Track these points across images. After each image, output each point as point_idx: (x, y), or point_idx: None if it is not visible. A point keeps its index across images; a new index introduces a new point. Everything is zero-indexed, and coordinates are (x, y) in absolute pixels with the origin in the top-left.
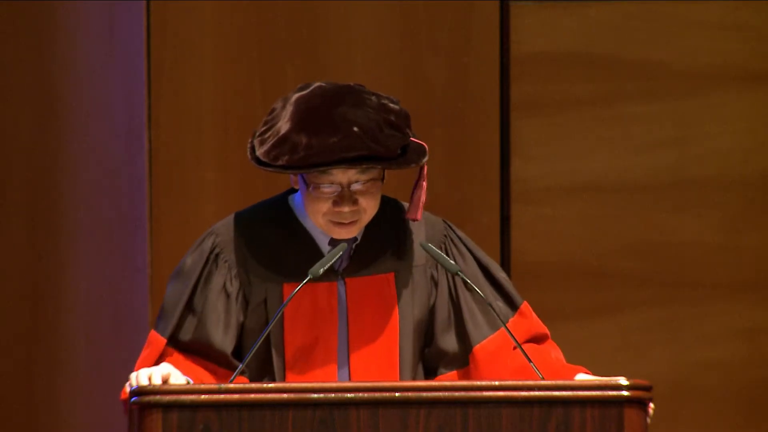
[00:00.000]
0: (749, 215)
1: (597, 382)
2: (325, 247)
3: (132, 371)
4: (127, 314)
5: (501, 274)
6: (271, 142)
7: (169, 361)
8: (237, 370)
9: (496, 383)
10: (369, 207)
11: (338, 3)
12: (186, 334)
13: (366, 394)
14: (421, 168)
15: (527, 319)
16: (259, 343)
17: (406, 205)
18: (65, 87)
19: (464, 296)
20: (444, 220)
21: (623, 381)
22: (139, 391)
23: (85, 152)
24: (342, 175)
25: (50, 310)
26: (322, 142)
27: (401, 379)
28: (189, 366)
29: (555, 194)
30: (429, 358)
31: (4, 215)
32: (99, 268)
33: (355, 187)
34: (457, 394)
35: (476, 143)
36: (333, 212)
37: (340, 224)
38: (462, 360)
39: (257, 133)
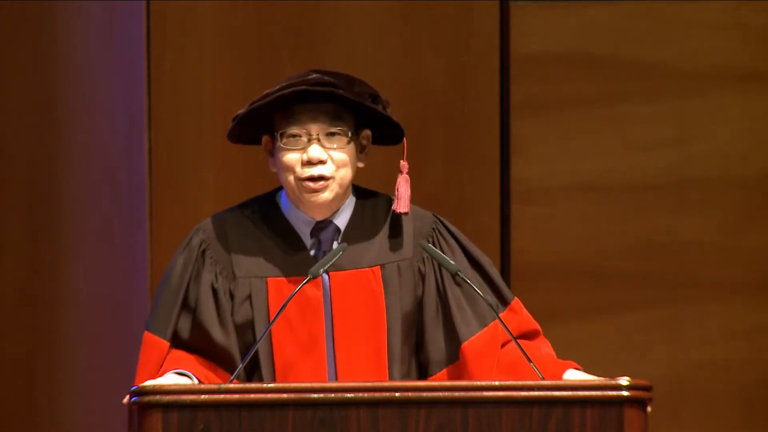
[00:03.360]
0: (749, 215)
1: (597, 382)
2: (308, 241)
3: (133, 374)
4: (127, 314)
5: (492, 270)
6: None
7: (174, 359)
8: (237, 370)
9: (496, 383)
10: (340, 166)
11: (338, 3)
12: (184, 332)
13: (366, 394)
14: (402, 161)
15: (518, 315)
16: (259, 342)
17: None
18: (65, 87)
19: (452, 291)
20: (434, 215)
21: (623, 381)
22: (139, 391)
23: (85, 152)
24: (311, 123)
25: (50, 310)
26: (290, 82)
27: (391, 372)
28: (194, 361)
29: (555, 194)
30: (419, 353)
31: (4, 215)
32: (99, 268)
33: (325, 143)
34: (457, 394)
35: (476, 143)
36: (303, 168)
37: (311, 185)
38: (452, 355)
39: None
